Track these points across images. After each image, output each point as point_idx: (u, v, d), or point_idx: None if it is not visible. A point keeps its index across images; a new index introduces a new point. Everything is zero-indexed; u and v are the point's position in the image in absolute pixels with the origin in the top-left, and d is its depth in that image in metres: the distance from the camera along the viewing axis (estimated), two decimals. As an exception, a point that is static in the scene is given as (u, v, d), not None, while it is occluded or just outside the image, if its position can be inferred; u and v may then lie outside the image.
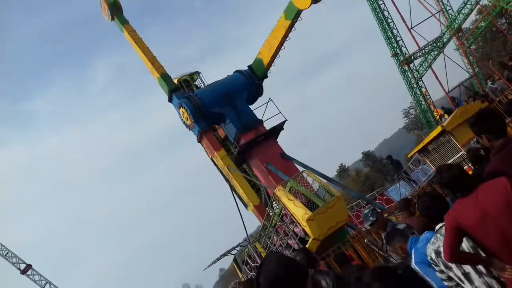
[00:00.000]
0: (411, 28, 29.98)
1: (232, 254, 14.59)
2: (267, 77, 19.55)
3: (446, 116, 21.32)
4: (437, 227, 4.03)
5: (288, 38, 17.54)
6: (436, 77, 29.96)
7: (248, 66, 19.63)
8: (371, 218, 6.09)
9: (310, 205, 12.82)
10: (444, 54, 29.78)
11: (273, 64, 18.82)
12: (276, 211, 15.01)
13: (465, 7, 26.87)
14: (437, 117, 28.28)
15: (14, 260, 38.61)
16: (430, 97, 31.64)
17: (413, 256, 4.58)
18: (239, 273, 15.58)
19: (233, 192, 18.79)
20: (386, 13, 31.48)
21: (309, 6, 15.15)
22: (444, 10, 30.86)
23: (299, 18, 16.49)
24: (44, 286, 38.41)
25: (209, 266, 14.97)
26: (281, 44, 17.63)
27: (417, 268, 4.33)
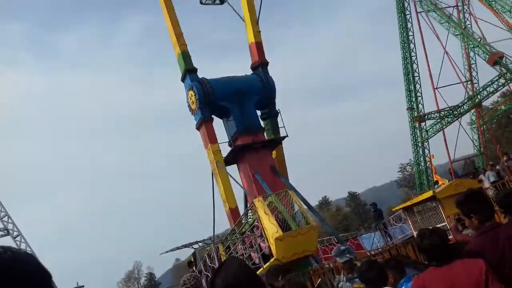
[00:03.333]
0: (437, 88, 30.01)
1: (193, 247, 14.40)
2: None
3: None
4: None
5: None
6: (446, 144, 29.92)
7: (251, 66, 20.05)
8: (348, 255, 6.01)
9: (283, 225, 12.69)
10: (460, 124, 29.83)
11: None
12: (250, 220, 14.87)
13: (492, 85, 26.99)
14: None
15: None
16: (431, 161, 31.66)
17: None
18: (194, 268, 15.38)
19: (214, 188, 18.63)
20: (415, 66, 31.62)
21: None
22: (471, 82, 31.04)
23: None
24: (2, 218, 37.88)
25: (167, 252, 14.76)
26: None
27: None
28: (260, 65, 19.63)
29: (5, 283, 0.97)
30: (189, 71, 19.02)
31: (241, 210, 17.57)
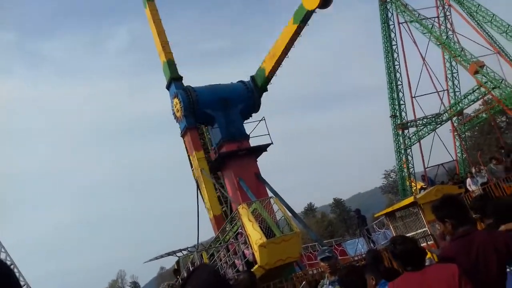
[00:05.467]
0: (414, 97, 30.59)
1: (177, 255, 14.35)
2: (266, 90, 19.42)
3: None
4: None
5: (293, 46, 17.14)
6: (421, 151, 30.46)
7: (250, 77, 19.63)
8: (327, 253, 6.04)
9: (267, 232, 12.75)
10: (435, 132, 30.36)
11: (275, 75, 18.51)
12: (234, 227, 14.89)
13: (473, 94, 27.53)
14: (416, 189, 28.58)
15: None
16: (413, 167, 32.08)
17: None
18: (177, 277, 15.32)
19: (198, 196, 18.62)
20: (398, 75, 32.09)
21: (317, 6, 15.14)
22: (451, 90, 31.61)
23: (307, 24, 16.26)
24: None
25: (150, 260, 14.69)
26: (285, 51, 17.27)
27: None
28: (260, 89, 19.49)
29: None
30: (174, 79, 19.08)
31: (226, 218, 17.58)
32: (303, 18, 16.08)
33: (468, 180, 18.70)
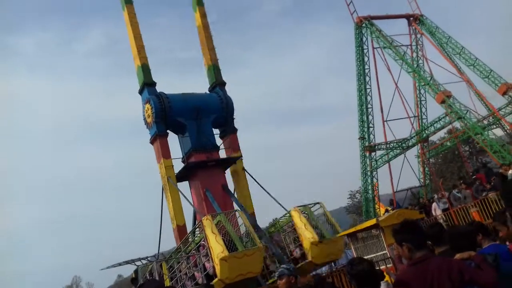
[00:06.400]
0: (386, 120, 31.32)
1: (135, 264, 14.01)
2: (224, 82, 20.36)
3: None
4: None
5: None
6: (390, 174, 31.19)
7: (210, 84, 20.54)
8: (285, 270, 5.90)
9: (230, 245, 12.64)
10: (405, 157, 31.19)
11: (218, 63, 20.38)
12: (196, 238, 14.71)
13: (439, 122, 28.46)
14: (379, 211, 29.10)
15: None
16: (378, 190, 32.71)
17: None
18: (135, 286, 14.95)
19: (163, 204, 18.33)
20: (369, 98, 32.81)
21: None
22: (419, 118, 32.59)
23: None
24: None
25: (108, 267, 14.29)
26: (207, 34, 19.78)
27: None
28: (217, 85, 19.92)
29: None
30: (147, 84, 18.88)
31: (189, 228, 17.35)
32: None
33: (434, 205, 19.37)
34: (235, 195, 18.81)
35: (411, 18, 31.47)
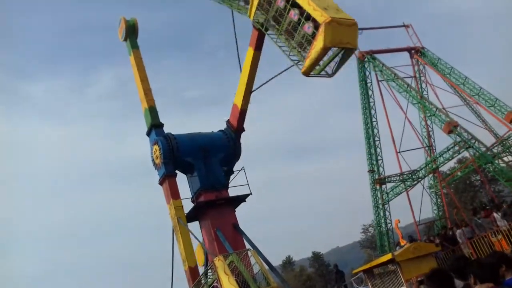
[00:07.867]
0: (399, 152, 30.98)
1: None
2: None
3: None
4: None
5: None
6: (411, 206, 30.37)
7: (226, 121, 19.52)
8: None
9: (244, 286, 12.35)
10: (423, 187, 30.78)
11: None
12: (209, 280, 14.41)
13: (448, 152, 28.30)
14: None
15: None
16: (391, 223, 32.13)
17: None
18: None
19: (174, 246, 18.08)
20: (375, 130, 32.84)
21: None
22: (431, 148, 32.46)
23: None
24: None
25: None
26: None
27: None
28: (235, 131, 19.36)
29: None
30: (155, 126, 19.07)
31: (201, 269, 17.02)
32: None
33: (459, 232, 19.13)
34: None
35: (413, 51, 31.96)
